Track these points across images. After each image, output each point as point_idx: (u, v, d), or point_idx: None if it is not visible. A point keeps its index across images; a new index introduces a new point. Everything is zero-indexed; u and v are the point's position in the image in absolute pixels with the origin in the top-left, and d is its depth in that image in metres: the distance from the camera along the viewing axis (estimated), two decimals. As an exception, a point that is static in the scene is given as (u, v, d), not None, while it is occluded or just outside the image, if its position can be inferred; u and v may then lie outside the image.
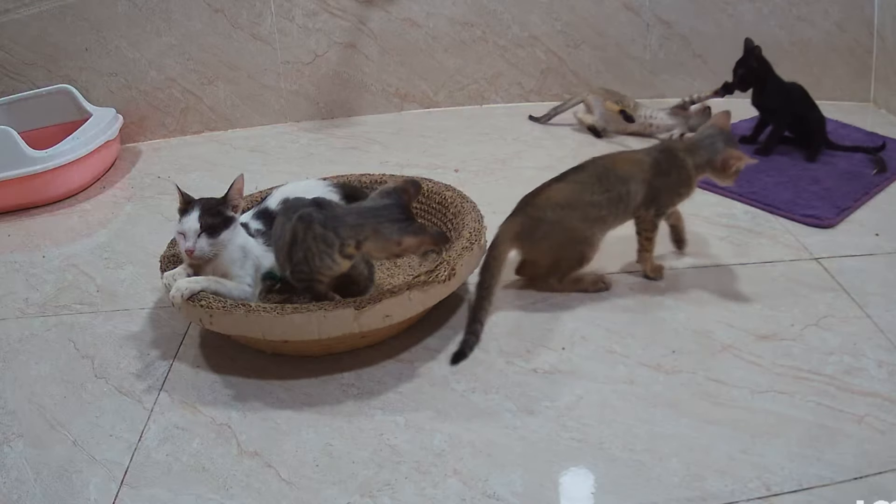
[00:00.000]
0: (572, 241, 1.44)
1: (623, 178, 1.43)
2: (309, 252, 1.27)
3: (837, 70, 2.33)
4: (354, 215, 1.26)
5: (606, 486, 1.09)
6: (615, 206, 1.43)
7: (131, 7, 2.35)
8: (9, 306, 1.64)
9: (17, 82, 2.39)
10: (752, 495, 1.04)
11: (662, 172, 1.44)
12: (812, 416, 1.17)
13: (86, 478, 1.16)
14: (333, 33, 2.44)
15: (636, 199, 1.44)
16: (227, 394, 1.32)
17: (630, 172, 1.44)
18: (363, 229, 1.24)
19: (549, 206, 1.43)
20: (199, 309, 1.31)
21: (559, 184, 1.46)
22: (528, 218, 1.45)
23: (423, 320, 1.43)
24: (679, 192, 1.47)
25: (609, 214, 1.44)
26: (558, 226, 1.43)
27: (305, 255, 1.27)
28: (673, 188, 1.46)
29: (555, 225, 1.43)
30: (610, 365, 1.31)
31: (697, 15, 2.38)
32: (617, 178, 1.43)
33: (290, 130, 2.48)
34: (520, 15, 2.43)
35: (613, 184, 1.43)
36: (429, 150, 2.24)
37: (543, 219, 1.43)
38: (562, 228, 1.43)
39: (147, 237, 1.87)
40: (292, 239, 1.29)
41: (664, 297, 1.48)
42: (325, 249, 1.26)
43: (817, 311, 1.40)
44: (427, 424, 1.21)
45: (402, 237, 1.22)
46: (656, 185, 1.44)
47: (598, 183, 1.43)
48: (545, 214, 1.43)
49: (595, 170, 1.45)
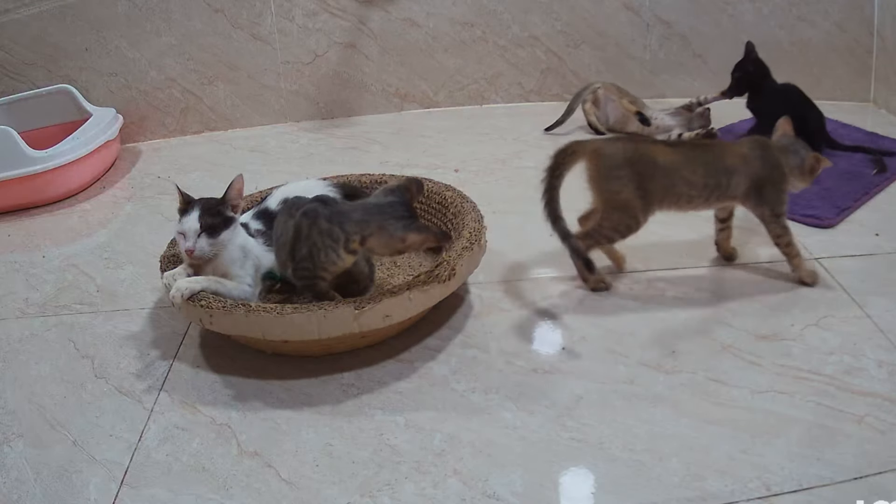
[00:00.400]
0: (632, 207, 1.42)
1: (728, 170, 1.43)
2: (314, 247, 1.27)
3: (837, 70, 2.33)
4: (360, 211, 1.27)
5: (606, 486, 1.09)
6: (710, 192, 1.43)
7: (131, 7, 2.36)
8: (9, 306, 1.64)
9: (17, 82, 2.39)
10: (752, 495, 1.04)
11: (764, 169, 1.44)
12: (812, 416, 1.17)
13: (86, 478, 1.16)
14: (333, 33, 2.44)
15: (735, 191, 1.43)
16: (227, 394, 1.32)
17: (735, 165, 1.43)
18: (368, 225, 1.25)
19: (647, 158, 1.42)
20: (199, 309, 1.31)
21: (668, 147, 1.45)
22: (624, 150, 1.42)
23: (423, 320, 1.43)
24: (783, 188, 1.46)
25: (699, 197, 1.43)
26: (636, 183, 1.41)
27: (310, 251, 1.27)
28: (776, 185, 1.45)
29: (636, 179, 1.41)
30: (610, 365, 1.31)
31: (697, 15, 2.38)
32: (724, 168, 1.43)
33: (290, 130, 2.48)
34: (520, 15, 2.43)
35: (718, 173, 1.42)
36: (429, 150, 2.24)
37: (632, 164, 1.41)
38: (636, 188, 1.41)
39: (147, 237, 1.87)
40: (296, 235, 1.29)
41: (664, 297, 1.48)
42: (331, 244, 1.26)
43: (817, 311, 1.40)
44: (427, 424, 1.21)
45: (406, 234, 1.24)
46: (760, 182, 1.43)
47: (702, 166, 1.42)
48: (638, 163, 1.41)
49: (705, 153, 1.45)
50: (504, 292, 1.53)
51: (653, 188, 1.42)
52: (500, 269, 1.60)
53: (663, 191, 1.43)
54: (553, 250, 1.67)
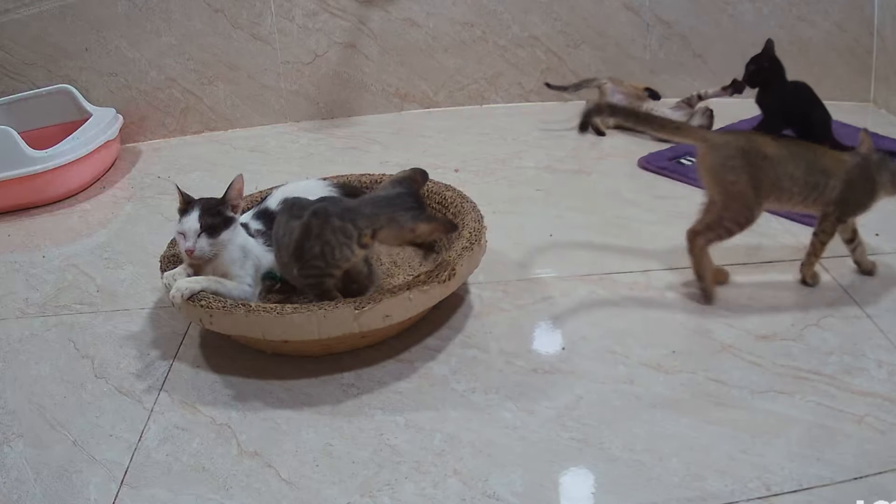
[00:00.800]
0: (747, 198, 1.41)
1: (826, 171, 1.41)
2: (327, 245, 1.28)
3: (837, 70, 2.33)
4: (369, 206, 1.28)
5: (606, 486, 1.09)
6: (810, 191, 1.41)
7: (131, 7, 2.35)
8: (9, 306, 1.64)
9: (17, 82, 2.39)
10: (752, 495, 1.04)
11: (859, 179, 1.42)
12: (812, 416, 1.17)
13: (86, 478, 1.16)
14: (333, 33, 2.44)
15: (831, 194, 1.42)
16: (227, 394, 1.32)
17: (833, 169, 1.42)
18: (378, 219, 1.27)
19: (757, 149, 1.40)
20: (199, 309, 1.31)
21: (774, 141, 1.44)
22: (736, 140, 1.41)
23: (423, 320, 1.43)
24: (865, 203, 1.45)
25: (798, 194, 1.42)
26: (749, 173, 1.39)
27: (322, 250, 1.28)
28: (861, 198, 1.44)
29: (748, 169, 1.39)
30: (610, 365, 1.31)
31: (697, 15, 2.38)
32: (822, 169, 1.42)
33: (290, 130, 2.48)
34: (520, 15, 2.43)
35: (817, 173, 1.41)
36: (429, 150, 2.24)
37: (746, 154, 1.40)
38: (750, 177, 1.39)
39: (147, 237, 1.87)
40: (304, 234, 1.29)
41: (664, 297, 1.48)
42: (345, 241, 1.27)
43: (817, 311, 1.40)
44: (427, 424, 1.21)
45: (416, 224, 1.26)
46: (850, 190, 1.42)
47: (804, 163, 1.41)
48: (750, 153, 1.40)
49: (806, 151, 1.44)
50: (504, 292, 1.53)
51: (763, 179, 1.40)
52: (500, 269, 1.60)
53: (770, 184, 1.41)
54: (553, 250, 1.67)
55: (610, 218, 1.79)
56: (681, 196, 1.84)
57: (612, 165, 2.05)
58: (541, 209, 1.85)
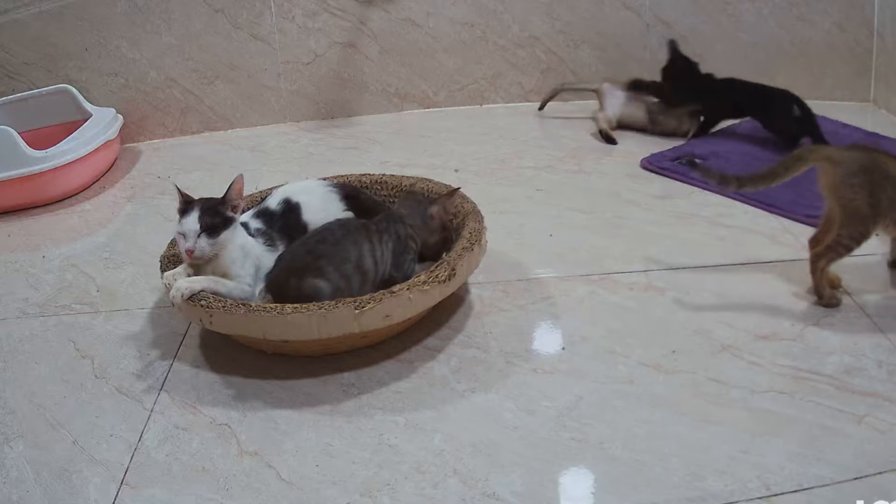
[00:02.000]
0: (864, 216, 1.38)
1: None
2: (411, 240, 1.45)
3: (837, 70, 2.33)
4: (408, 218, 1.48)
5: (606, 486, 1.09)
6: None
7: (131, 7, 2.35)
8: (9, 306, 1.64)
9: (17, 82, 2.39)
10: (752, 495, 1.04)
11: None
12: (812, 416, 1.17)
13: (86, 478, 1.16)
14: (333, 33, 2.44)
15: None
16: (227, 394, 1.32)
17: None
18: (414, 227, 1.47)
19: (881, 167, 1.37)
20: (199, 309, 1.31)
21: (890, 158, 1.40)
22: (860, 157, 1.38)
23: (423, 320, 1.43)
24: None
25: None
26: (868, 191, 1.36)
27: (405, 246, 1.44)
28: None
29: (868, 187, 1.36)
30: (610, 365, 1.31)
31: (697, 15, 2.38)
32: None
33: (290, 130, 2.48)
34: (520, 15, 2.43)
35: None
36: (429, 150, 2.24)
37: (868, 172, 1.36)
38: (869, 195, 1.36)
39: (147, 237, 1.86)
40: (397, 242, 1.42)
41: (664, 297, 1.48)
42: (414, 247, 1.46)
43: (817, 311, 1.40)
44: (427, 424, 1.21)
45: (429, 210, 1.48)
46: None
47: None
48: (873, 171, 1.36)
49: None
50: (504, 292, 1.53)
51: (883, 199, 1.37)
52: (500, 269, 1.60)
53: (890, 203, 1.38)
54: (553, 250, 1.67)
55: (610, 218, 1.79)
56: (681, 196, 1.84)
57: (612, 165, 2.05)
58: (541, 209, 1.85)
